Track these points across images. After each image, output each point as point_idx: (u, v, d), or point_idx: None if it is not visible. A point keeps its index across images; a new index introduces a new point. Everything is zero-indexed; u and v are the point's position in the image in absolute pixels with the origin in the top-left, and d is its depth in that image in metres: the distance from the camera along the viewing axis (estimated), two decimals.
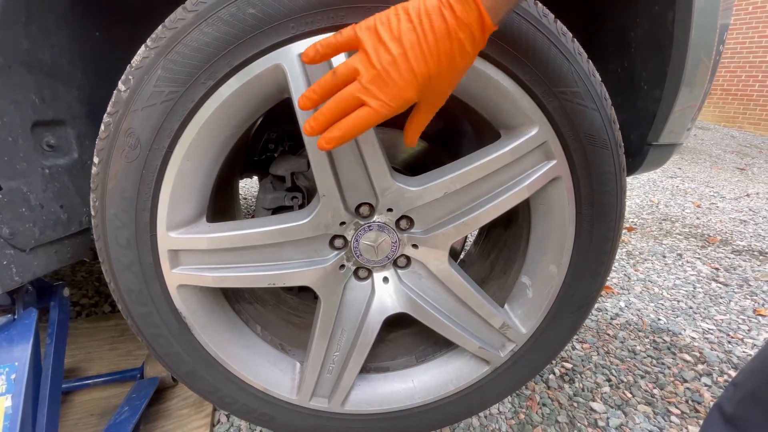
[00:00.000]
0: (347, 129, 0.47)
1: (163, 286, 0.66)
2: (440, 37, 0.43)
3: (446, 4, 0.43)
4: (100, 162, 0.59)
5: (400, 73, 0.44)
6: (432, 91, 0.47)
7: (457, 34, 0.43)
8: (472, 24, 0.43)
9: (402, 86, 0.45)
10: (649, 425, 1.07)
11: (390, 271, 0.74)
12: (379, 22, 0.44)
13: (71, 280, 1.65)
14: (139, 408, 0.90)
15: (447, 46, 0.44)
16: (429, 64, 0.44)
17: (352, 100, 0.46)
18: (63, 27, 0.71)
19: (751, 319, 1.60)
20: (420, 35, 0.43)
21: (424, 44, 0.43)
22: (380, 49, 0.44)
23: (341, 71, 0.46)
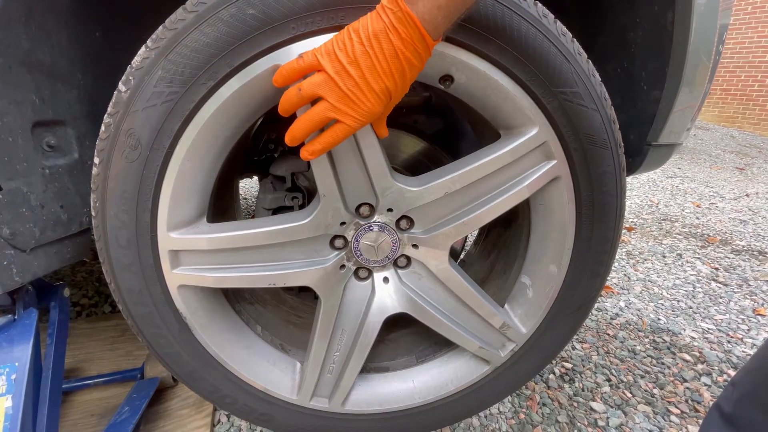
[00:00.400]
0: (326, 143, 0.54)
1: (163, 286, 0.66)
2: (390, 57, 0.49)
3: (391, 28, 0.48)
4: (101, 162, 0.59)
5: (364, 93, 0.50)
6: (393, 95, 0.52)
7: (404, 53, 0.49)
8: (416, 43, 0.49)
9: (368, 103, 0.51)
10: (649, 425, 1.07)
11: (390, 271, 0.75)
12: (336, 47, 0.50)
13: (71, 281, 1.65)
14: (139, 408, 0.90)
15: (397, 64, 0.49)
16: (386, 82, 0.50)
17: (324, 117, 0.52)
18: (63, 27, 0.71)
19: (751, 318, 1.60)
20: (373, 58, 0.49)
21: (378, 66, 0.49)
22: (342, 73, 0.49)
23: (306, 91, 0.52)
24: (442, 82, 0.61)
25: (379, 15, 0.49)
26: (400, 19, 0.48)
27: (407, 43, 0.48)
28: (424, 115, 1.02)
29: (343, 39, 0.50)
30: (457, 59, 0.58)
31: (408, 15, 0.47)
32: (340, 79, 0.50)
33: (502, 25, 0.56)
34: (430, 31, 0.48)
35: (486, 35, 0.57)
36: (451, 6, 0.48)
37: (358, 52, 0.49)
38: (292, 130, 0.54)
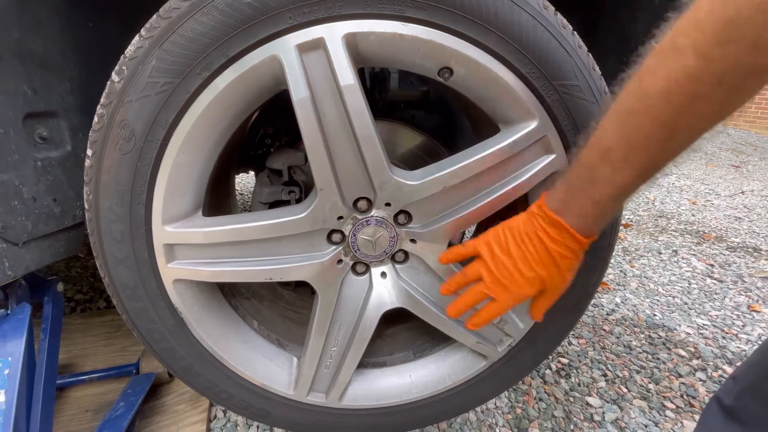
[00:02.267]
0: (484, 318, 0.63)
1: (158, 280, 0.65)
2: (542, 253, 0.54)
3: (540, 229, 0.54)
4: (94, 154, 0.58)
5: (515, 279, 0.56)
6: (548, 285, 0.57)
7: (555, 250, 0.53)
8: (567, 242, 0.53)
9: (518, 288, 0.57)
10: (645, 419, 1.07)
11: (388, 266, 0.74)
12: (493, 240, 0.58)
13: (66, 276, 1.63)
14: (134, 404, 0.90)
15: (548, 258, 0.54)
16: (537, 271, 0.55)
17: (480, 295, 0.61)
18: (55, 17, 0.69)
19: (746, 314, 1.61)
20: (526, 252, 0.55)
21: (530, 258, 0.55)
22: (497, 261, 0.57)
23: (470, 273, 0.62)
24: (441, 75, 0.60)
25: (530, 219, 0.55)
26: (551, 224, 0.53)
27: (558, 242, 0.53)
28: (423, 109, 1.01)
29: (498, 234, 0.58)
30: (456, 51, 0.57)
31: (558, 222, 0.52)
32: (495, 266, 0.57)
33: (502, 16, 0.55)
34: (581, 232, 0.52)
35: (486, 27, 0.56)
36: (598, 213, 0.51)
37: (512, 248, 0.56)
38: (456, 305, 0.64)
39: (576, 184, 0.51)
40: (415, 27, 0.55)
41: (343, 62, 0.55)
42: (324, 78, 0.56)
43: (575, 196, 0.51)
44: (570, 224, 0.51)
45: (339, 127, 0.59)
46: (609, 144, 0.46)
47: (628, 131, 0.44)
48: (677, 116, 0.40)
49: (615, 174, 0.46)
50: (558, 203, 0.53)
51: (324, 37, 0.54)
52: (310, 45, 0.55)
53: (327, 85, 0.56)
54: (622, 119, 0.44)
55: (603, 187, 0.48)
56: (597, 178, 0.48)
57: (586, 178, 0.49)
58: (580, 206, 0.51)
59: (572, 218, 0.51)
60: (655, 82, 0.40)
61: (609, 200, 0.49)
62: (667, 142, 0.42)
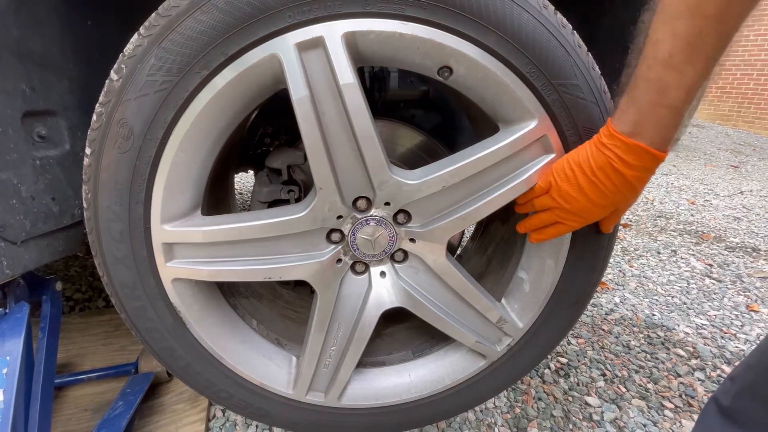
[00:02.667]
0: (551, 235, 0.65)
1: (157, 279, 0.65)
2: (619, 183, 0.54)
3: (616, 159, 0.53)
4: (93, 153, 0.58)
5: (589, 210, 0.58)
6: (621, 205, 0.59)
7: (634, 176, 0.53)
8: (646, 163, 0.52)
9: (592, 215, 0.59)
10: (643, 419, 1.08)
11: (387, 265, 0.74)
12: (560, 178, 0.59)
13: (64, 275, 1.63)
14: (133, 403, 0.90)
15: (626, 185, 0.54)
16: (613, 200, 0.56)
17: (550, 220, 0.63)
18: (54, 16, 0.69)
19: (744, 314, 1.61)
20: (601, 186, 0.55)
21: (606, 190, 0.55)
22: (568, 198, 0.58)
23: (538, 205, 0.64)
24: (441, 74, 0.60)
25: (600, 150, 0.54)
26: (627, 150, 0.52)
27: (637, 167, 0.53)
28: (423, 108, 1.01)
29: (565, 171, 0.58)
30: (456, 50, 0.57)
31: (636, 146, 0.51)
32: (566, 203, 0.59)
33: (502, 15, 0.55)
34: (661, 148, 0.52)
35: (486, 26, 0.56)
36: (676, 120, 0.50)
37: (583, 183, 0.56)
38: (526, 223, 0.67)
39: (646, 99, 0.50)
40: (415, 26, 0.55)
41: (343, 61, 0.55)
42: (323, 77, 0.56)
43: (650, 111, 0.50)
44: (649, 143, 0.51)
45: (338, 126, 0.59)
46: (668, 51, 0.47)
47: (683, 33, 0.45)
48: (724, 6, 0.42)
49: (683, 76, 0.47)
50: (631, 125, 0.52)
51: (323, 36, 0.54)
52: (309, 44, 0.55)
53: (326, 84, 0.56)
54: (672, 25, 0.46)
55: (676, 92, 0.48)
56: (667, 86, 0.48)
57: (655, 90, 0.49)
58: (657, 119, 0.50)
59: (651, 134, 0.51)
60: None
61: (684, 103, 0.49)
62: (719, 34, 0.44)
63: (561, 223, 0.62)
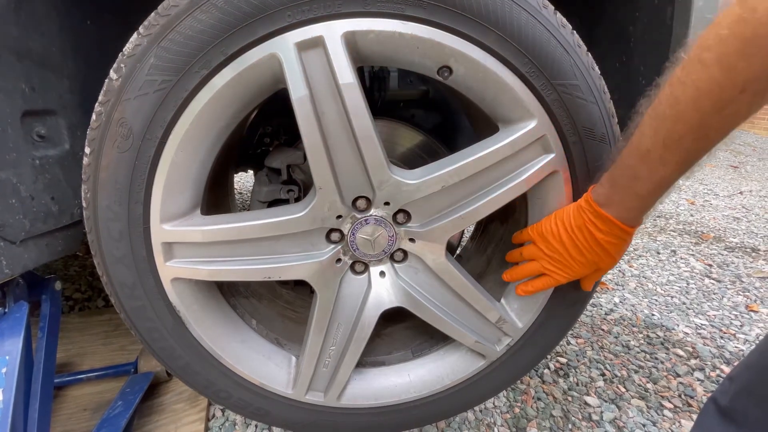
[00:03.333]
0: (536, 288, 0.70)
1: (156, 279, 0.65)
2: (592, 243, 0.60)
3: (589, 222, 0.59)
4: (92, 152, 0.58)
5: (569, 263, 0.63)
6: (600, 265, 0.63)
7: (604, 240, 0.59)
8: (614, 232, 0.58)
9: (573, 270, 0.64)
10: (643, 419, 1.08)
11: (387, 265, 0.74)
12: (545, 231, 0.65)
13: (64, 275, 1.63)
14: (132, 403, 0.90)
15: (598, 246, 0.60)
16: (589, 258, 0.61)
17: (536, 270, 0.68)
18: (53, 15, 0.69)
19: (744, 314, 1.61)
20: (577, 242, 0.61)
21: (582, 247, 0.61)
22: (551, 248, 0.64)
23: (526, 254, 0.70)
24: (441, 74, 0.60)
25: (579, 212, 0.60)
26: (598, 217, 0.58)
27: (606, 232, 0.58)
28: (422, 108, 1.01)
29: (551, 225, 0.64)
30: (455, 50, 0.57)
31: (606, 217, 0.57)
32: (550, 252, 0.64)
33: (501, 15, 0.55)
34: (628, 224, 0.57)
35: (485, 26, 0.56)
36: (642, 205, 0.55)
37: (564, 238, 0.62)
38: (512, 274, 0.72)
39: (619, 181, 0.56)
40: (415, 25, 0.55)
41: (342, 61, 0.55)
42: (323, 76, 0.56)
43: (619, 192, 0.56)
44: (616, 217, 0.56)
45: (338, 126, 0.59)
46: (647, 146, 0.51)
47: (663, 134, 0.48)
48: (706, 119, 0.45)
49: (654, 172, 0.51)
50: (604, 198, 0.58)
51: (323, 36, 0.54)
52: (309, 43, 0.54)
53: (326, 84, 0.56)
54: (657, 124, 0.49)
55: (644, 184, 0.53)
56: (638, 176, 0.53)
57: (628, 176, 0.54)
58: (624, 201, 0.56)
59: (618, 211, 0.56)
60: (685, 91, 0.45)
61: (650, 194, 0.54)
62: (698, 141, 0.47)
63: (547, 276, 0.67)
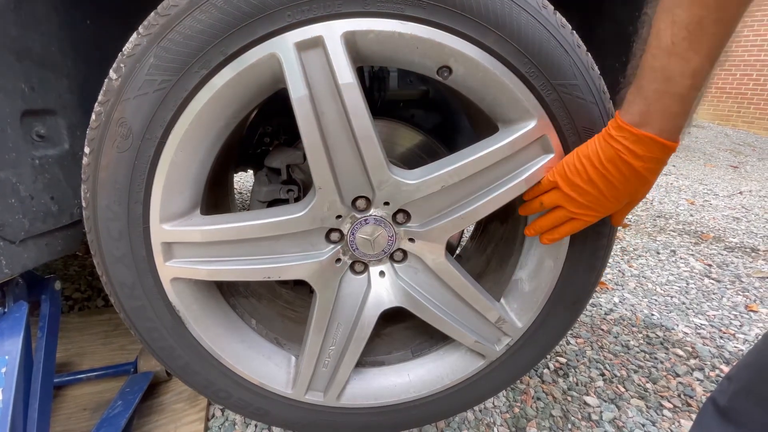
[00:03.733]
0: (564, 233, 0.64)
1: (156, 279, 0.65)
2: (629, 175, 0.53)
3: (625, 151, 0.52)
4: (92, 152, 0.58)
5: (601, 202, 0.57)
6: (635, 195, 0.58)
7: (643, 167, 0.53)
8: (656, 154, 0.52)
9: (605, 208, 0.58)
10: (642, 419, 1.08)
11: (386, 265, 0.74)
12: (569, 172, 0.58)
13: (64, 274, 1.63)
14: (132, 402, 0.90)
15: (636, 177, 0.54)
16: (624, 192, 0.55)
17: (564, 219, 0.62)
18: (53, 14, 0.69)
19: (743, 314, 1.61)
20: (611, 178, 0.54)
21: (617, 182, 0.54)
22: (580, 190, 0.57)
23: (547, 202, 0.62)
24: (440, 74, 0.60)
25: (609, 143, 0.54)
26: (636, 141, 0.51)
27: (646, 158, 0.52)
28: (422, 108, 1.01)
29: (575, 165, 0.57)
30: (455, 50, 0.57)
31: (644, 136, 0.51)
32: (578, 195, 0.58)
33: (501, 15, 0.55)
34: (671, 138, 0.51)
35: (485, 26, 0.56)
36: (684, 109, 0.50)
37: (594, 176, 0.55)
38: (536, 225, 0.66)
39: (652, 88, 0.50)
40: (414, 25, 0.55)
41: (342, 61, 0.55)
42: (323, 76, 0.56)
43: (657, 100, 0.50)
44: (657, 133, 0.51)
45: (338, 126, 0.59)
46: (670, 39, 0.47)
47: (683, 22, 0.45)
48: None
49: (687, 63, 0.47)
50: (638, 115, 0.51)
51: (323, 36, 0.54)
52: (308, 43, 0.55)
53: (326, 84, 0.56)
54: (673, 13, 0.46)
55: (681, 79, 0.48)
56: (672, 74, 0.48)
57: (661, 79, 0.49)
58: (665, 108, 0.50)
59: (660, 124, 0.50)
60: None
61: (690, 89, 0.48)
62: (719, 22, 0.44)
63: (575, 219, 0.61)
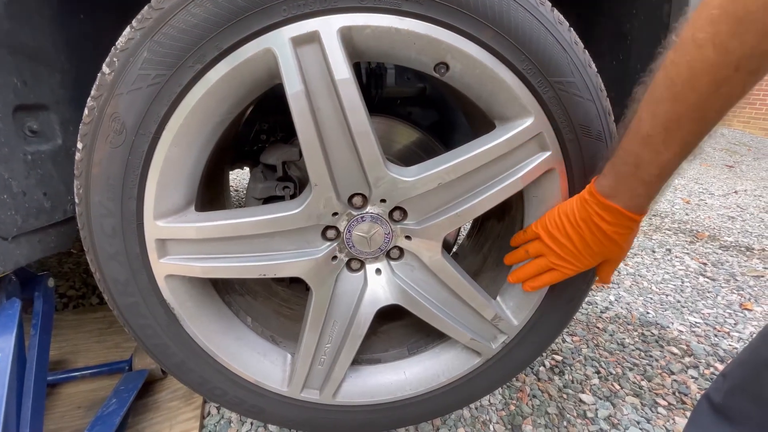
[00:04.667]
0: (545, 282, 0.68)
1: (150, 276, 0.65)
2: (599, 235, 0.58)
3: (595, 214, 0.57)
4: (84, 147, 0.57)
5: (577, 257, 0.62)
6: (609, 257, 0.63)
7: (611, 231, 0.57)
8: (621, 221, 0.56)
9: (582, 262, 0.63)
10: (637, 416, 1.08)
11: (383, 262, 0.74)
12: (550, 226, 0.63)
13: (58, 272, 1.62)
14: (127, 400, 0.89)
15: (606, 238, 0.58)
16: (597, 250, 0.60)
17: (543, 267, 0.66)
18: (46, 8, 0.68)
19: (738, 313, 1.63)
20: (583, 235, 0.60)
21: (589, 240, 0.59)
22: (558, 243, 0.62)
23: (531, 251, 0.68)
24: (437, 70, 0.60)
25: (583, 205, 0.59)
26: (604, 209, 0.56)
27: (613, 224, 0.57)
28: (419, 105, 1.01)
29: (555, 219, 0.63)
30: (452, 46, 0.57)
31: (612, 207, 0.55)
32: (557, 248, 0.63)
33: (498, 11, 0.55)
34: (635, 212, 0.56)
35: (482, 22, 0.55)
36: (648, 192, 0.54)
37: (570, 232, 0.61)
38: (518, 274, 0.70)
39: (623, 169, 0.54)
40: (411, 21, 0.55)
41: (338, 56, 0.55)
42: (319, 72, 0.55)
43: (624, 181, 0.54)
44: (623, 206, 0.55)
45: (334, 122, 0.58)
46: (647, 131, 0.50)
47: (662, 117, 0.48)
48: (703, 100, 0.45)
49: (657, 156, 0.50)
50: (608, 188, 0.56)
51: (319, 31, 0.54)
52: (304, 38, 0.54)
53: (322, 79, 0.56)
54: (655, 107, 0.48)
55: (648, 169, 0.51)
56: (642, 162, 0.52)
57: (631, 164, 0.53)
58: (630, 189, 0.54)
59: (624, 200, 0.55)
60: (680, 72, 0.45)
61: (656, 179, 0.52)
62: (698, 122, 0.47)
63: (555, 270, 0.65)
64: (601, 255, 0.61)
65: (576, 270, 0.64)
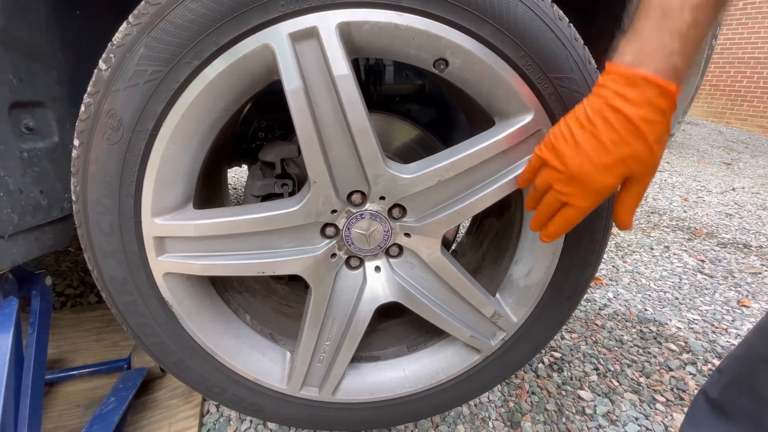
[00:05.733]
0: (561, 226, 0.54)
1: (148, 274, 0.64)
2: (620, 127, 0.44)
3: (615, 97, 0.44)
4: (81, 145, 0.57)
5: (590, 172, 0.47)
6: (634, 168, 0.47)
7: (638, 116, 0.44)
8: (653, 98, 0.43)
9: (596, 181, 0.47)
10: (635, 412, 1.09)
11: (382, 260, 0.74)
12: (554, 137, 0.50)
13: (56, 270, 1.61)
14: (125, 399, 0.89)
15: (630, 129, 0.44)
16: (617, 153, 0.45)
17: (555, 204, 0.53)
18: (42, 4, 0.67)
19: (735, 309, 1.63)
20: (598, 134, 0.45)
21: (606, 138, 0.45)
22: (564, 158, 0.48)
23: (539, 184, 0.54)
24: (437, 66, 0.59)
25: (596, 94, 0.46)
26: (627, 84, 0.44)
27: (641, 103, 0.44)
28: (418, 102, 1.01)
29: (560, 129, 0.49)
30: (451, 42, 0.56)
31: (637, 77, 0.43)
32: (563, 164, 0.48)
33: (498, 6, 0.55)
34: (669, 78, 0.43)
35: (481, 17, 0.55)
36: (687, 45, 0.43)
37: (580, 137, 0.47)
38: (534, 220, 0.57)
39: (648, 26, 0.44)
40: (410, 17, 0.55)
41: (337, 52, 0.54)
42: (317, 68, 0.55)
43: (652, 37, 0.43)
44: (653, 70, 0.43)
45: (332, 119, 0.58)
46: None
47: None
48: None
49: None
50: (632, 54, 0.44)
51: (317, 26, 0.53)
52: (303, 34, 0.54)
53: (320, 75, 0.55)
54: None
55: (681, 14, 0.42)
56: (670, 8, 0.42)
57: (657, 14, 0.43)
58: (662, 45, 0.43)
59: (656, 62, 0.43)
60: None
61: (691, 27, 0.42)
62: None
63: (568, 206, 0.52)
64: (622, 165, 0.46)
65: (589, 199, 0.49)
